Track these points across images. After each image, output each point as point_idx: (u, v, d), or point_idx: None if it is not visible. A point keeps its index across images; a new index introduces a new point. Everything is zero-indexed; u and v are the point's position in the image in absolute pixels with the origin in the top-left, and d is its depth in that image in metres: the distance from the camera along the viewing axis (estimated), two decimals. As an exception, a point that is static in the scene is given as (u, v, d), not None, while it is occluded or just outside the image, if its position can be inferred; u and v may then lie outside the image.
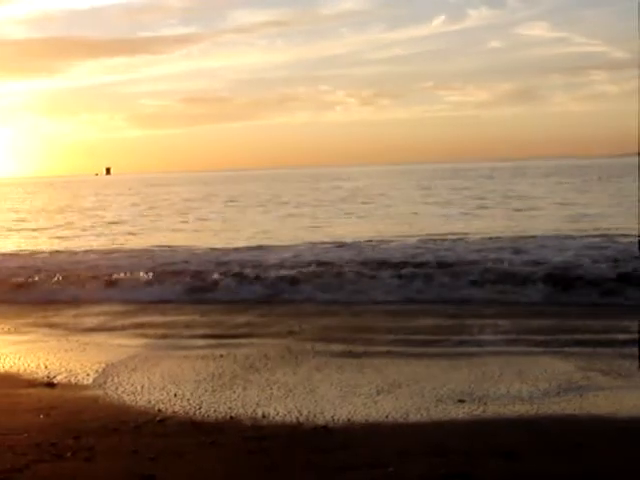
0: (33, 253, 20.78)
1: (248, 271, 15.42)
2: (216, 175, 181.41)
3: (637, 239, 15.71)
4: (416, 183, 71.53)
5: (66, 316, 12.85)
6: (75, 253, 20.48)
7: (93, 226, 32.49)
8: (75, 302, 14.27)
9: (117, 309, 13.45)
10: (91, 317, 12.66)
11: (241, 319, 12.04)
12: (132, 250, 20.69)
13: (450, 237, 21.18)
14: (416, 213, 33.12)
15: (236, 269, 15.74)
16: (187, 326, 11.68)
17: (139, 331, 11.32)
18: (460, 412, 6.94)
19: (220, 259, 17.42)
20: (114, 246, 22.78)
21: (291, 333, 10.77)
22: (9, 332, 11.57)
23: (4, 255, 20.41)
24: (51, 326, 11.99)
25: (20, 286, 15.71)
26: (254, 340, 10.41)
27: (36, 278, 16.16)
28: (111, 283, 15.51)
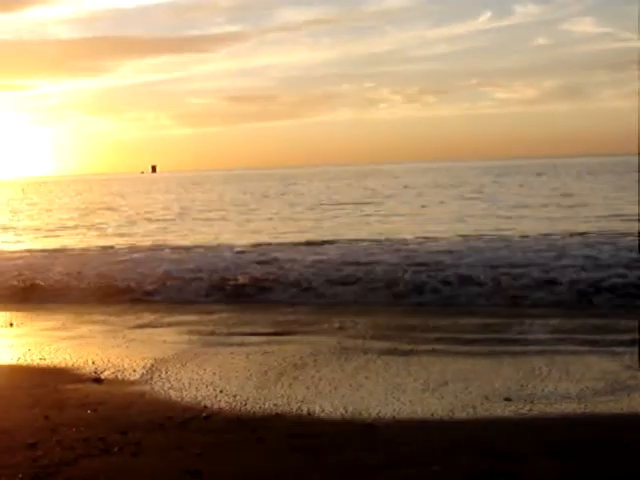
0: (84, 250, 21.01)
1: (294, 271, 15.43)
2: (262, 173, 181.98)
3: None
4: (462, 180, 71.12)
5: (113, 313, 12.98)
6: (125, 250, 20.68)
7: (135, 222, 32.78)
8: (121, 300, 14.40)
9: (164, 307, 13.56)
10: (138, 314, 12.76)
11: (288, 317, 12.06)
12: (176, 247, 20.84)
13: (496, 235, 21.06)
14: (461, 211, 32.92)
15: (282, 268, 15.78)
16: (234, 324, 11.74)
17: (186, 328, 11.39)
18: (506, 410, 6.90)
19: (265, 258, 17.46)
20: (159, 242, 22.95)
21: (338, 331, 10.78)
22: (58, 328, 11.70)
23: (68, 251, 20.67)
24: (98, 322, 12.12)
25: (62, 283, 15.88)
26: (301, 338, 10.44)
27: (71, 277, 16.32)
28: (158, 281, 15.61)
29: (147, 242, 23.61)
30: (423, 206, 37.26)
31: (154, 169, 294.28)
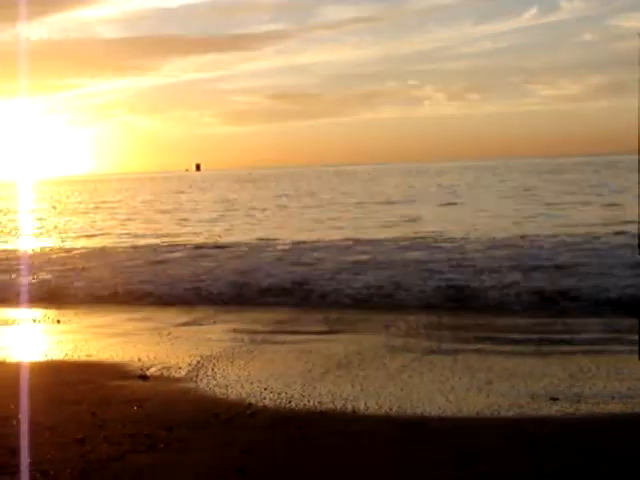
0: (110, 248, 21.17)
1: (333, 271, 15.41)
2: (305, 171, 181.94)
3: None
4: (508, 178, 70.57)
5: (157, 311, 13.06)
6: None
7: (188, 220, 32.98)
8: (163, 299, 14.46)
9: (208, 306, 13.61)
10: (183, 312, 12.82)
11: (333, 316, 12.06)
12: (223, 245, 20.94)
13: (547, 234, 20.95)
14: (517, 210, 32.60)
15: (323, 268, 15.79)
16: (279, 322, 11.74)
17: (231, 326, 11.42)
18: (553, 410, 6.84)
19: (306, 257, 17.50)
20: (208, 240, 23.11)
21: (383, 330, 10.75)
22: (103, 326, 11.80)
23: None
24: (143, 320, 12.19)
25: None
26: (346, 336, 10.43)
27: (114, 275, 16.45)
28: (203, 279, 15.66)
29: (198, 239, 23.85)
30: (475, 205, 36.97)
31: (198, 167, 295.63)
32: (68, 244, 24.53)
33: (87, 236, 27.86)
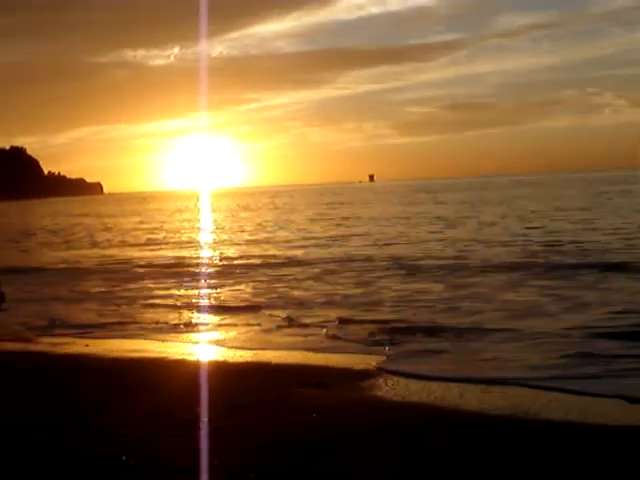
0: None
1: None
2: (482, 181, 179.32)
3: None
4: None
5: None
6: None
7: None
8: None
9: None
10: (358, 322, 12.82)
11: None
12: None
13: None
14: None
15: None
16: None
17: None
18: None
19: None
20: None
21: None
22: (284, 334, 11.96)
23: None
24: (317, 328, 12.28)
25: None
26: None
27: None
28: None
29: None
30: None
31: (372, 178, 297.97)
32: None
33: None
